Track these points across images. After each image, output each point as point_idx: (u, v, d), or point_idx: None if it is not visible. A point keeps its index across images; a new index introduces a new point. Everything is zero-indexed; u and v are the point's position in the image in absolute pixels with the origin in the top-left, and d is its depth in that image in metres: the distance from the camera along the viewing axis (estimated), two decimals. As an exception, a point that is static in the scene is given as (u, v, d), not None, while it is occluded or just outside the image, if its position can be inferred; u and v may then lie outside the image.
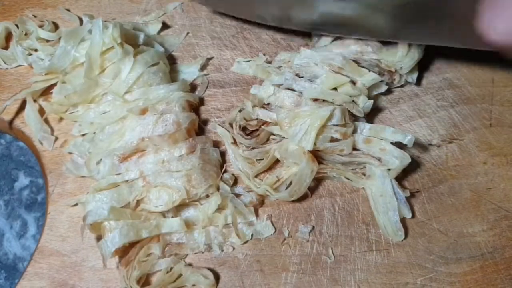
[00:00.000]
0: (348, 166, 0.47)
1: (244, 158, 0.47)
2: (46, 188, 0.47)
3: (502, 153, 0.50)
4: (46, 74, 0.49)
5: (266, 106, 0.48)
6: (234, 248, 0.46)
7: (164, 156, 0.45)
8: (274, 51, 0.54)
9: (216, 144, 0.49)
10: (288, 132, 0.45)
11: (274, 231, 0.46)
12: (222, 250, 0.45)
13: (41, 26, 0.52)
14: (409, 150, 0.47)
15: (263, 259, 0.45)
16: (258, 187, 0.46)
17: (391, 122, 0.51)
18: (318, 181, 0.48)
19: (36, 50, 0.51)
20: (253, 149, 0.47)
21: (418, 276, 0.45)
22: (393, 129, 0.46)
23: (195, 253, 0.45)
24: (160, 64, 0.49)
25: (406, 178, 0.49)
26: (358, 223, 0.47)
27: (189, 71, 0.52)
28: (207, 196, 0.46)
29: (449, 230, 0.47)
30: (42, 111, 0.49)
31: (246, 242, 0.46)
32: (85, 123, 0.48)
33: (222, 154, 0.48)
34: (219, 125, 0.49)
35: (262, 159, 0.47)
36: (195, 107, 0.51)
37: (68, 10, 0.54)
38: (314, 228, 0.47)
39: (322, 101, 0.47)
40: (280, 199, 0.47)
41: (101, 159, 0.45)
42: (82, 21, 0.53)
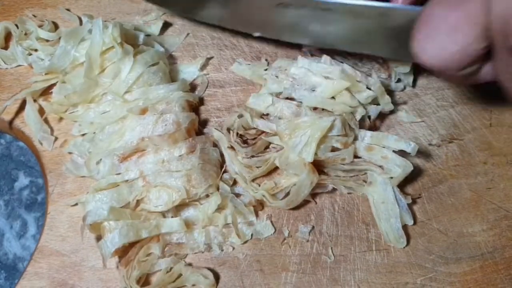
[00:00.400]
0: (349, 173, 0.47)
1: (241, 162, 0.47)
2: (46, 188, 0.47)
3: (502, 153, 0.50)
4: (46, 74, 0.49)
5: (265, 117, 0.48)
6: (234, 248, 0.46)
7: (164, 156, 0.45)
8: (274, 51, 0.53)
9: (216, 144, 0.49)
10: (288, 143, 0.45)
11: (274, 231, 0.46)
12: (222, 250, 0.45)
13: (40, 26, 0.52)
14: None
15: (263, 259, 0.45)
16: (256, 192, 0.46)
17: (391, 122, 0.51)
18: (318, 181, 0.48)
19: (36, 50, 0.51)
20: (252, 157, 0.47)
21: (418, 276, 0.45)
22: (396, 137, 0.45)
23: (195, 253, 0.45)
24: (160, 64, 0.49)
25: (406, 179, 0.48)
26: (358, 223, 0.47)
27: (189, 71, 0.52)
28: (207, 196, 0.46)
29: (449, 230, 0.47)
30: (42, 111, 0.49)
31: (246, 242, 0.46)
32: (85, 123, 0.48)
33: (222, 154, 0.48)
34: (215, 129, 0.49)
35: (261, 167, 0.47)
36: (195, 107, 0.51)
37: (68, 10, 0.54)
38: (314, 228, 0.47)
39: (322, 110, 0.46)
40: (276, 207, 0.47)
41: (101, 159, 0.45)
42: (82, 21, 0.53)
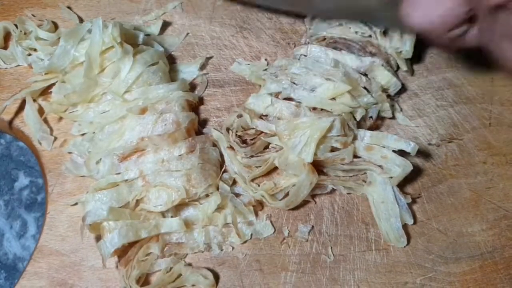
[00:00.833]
0: (349, 173, 0.47)
1: (240, 162, 0.47)
2: (46, 187, 0.47)
3: (501, 152, 0.50)
4: (45, 73, 0.49)
5: (264, 118, 0.48)
6: (233, 247, 0.46)
7: (163, 155, 0.45)
8: (273, 51, 0.53)
9: (215, 143, 0.49)
10: (287, 143, 0.45)
11: (274, 231, 0.46)
12: (222, 250, 0.45)
13: (40, 25, 0.52)
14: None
15: (263, 259, 0.45)
16: (255, 192, 0.46)
17: (391, 121, 0.51)
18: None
19: (35, 50, 0.51)
20: (251, 157, 0.47)
21: (417, 275, 0.45)
22: (395, 137, 0.45)
23: (195, 252, 0.45)
24: (159, 63, 0.49)
25: (406, 179, 0.48)
26: (357, 223, 0.47)
27: (188, 71, 0.52)
28: (207, 195, 0.46)
29: (448, 230, 0.47)
30: (41, 111, 0.49)
31: (245, 242, 0.46)
32: (84, 123, 0.48)
33: (222, 153, 0.48)
34: (214, 128, 0.49)
35: (260, 166, 0.47)
36: (195, 107, 0.51)
37: (68, 8, 0.54)
38: (313, 227, 0.47)
39: (321, 110, 0.46)
40: (275, 207, 0.47)
41: (100, 159, 0.45)
42: (82, 21, 0.53)
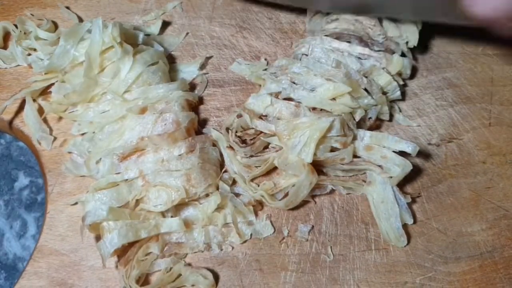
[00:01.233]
0: (348, 173, 0.47)
1: (240, 162, 0.47)
2: (46, 187, 0.47)
3: (501, 152, 0.50)
4: (45, 73, 0.49)
5: (264, 118, 0.48)
6: (233, 247, 0.46)
7: (163, 155, 0.45)
8: (273, 51, 0.53)
9: (215, 143, 0.49)
10: (287, 144, 0.45)
11: (274, 231, 0.46)
12: (221, 249, 0.45)
13: (39, 25, 0.52)
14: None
15: (262, 258, 0.45)
16: (255, 192, 0.46)
17: (391, 121, 0.51)
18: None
19: (35, 49, 0.51)
20: (251, 157, 0.47)
21: (417, 275, 0.45)
22: (396, 138, 0.46)
23: (194, 252, 0.45)
24: (159, 63, 0.49)
25: (405, 179, 0.48)
26: (357, 222, 0.47)
27: (188, 70, 0.52)
28: (207, 195, 0.46)
29: (448, 230, 0.47)
30: (41, 111, 0.49)
31: (245, 241, 0.46)
32: (84, 122, 0.48)
33: (222, 153, 0.48)
34: (214, 128, 0.49)
35: (260, 166, 0.47)
36: (195, 106, 0.51)
37: (67, 7, 0.54)
38: (313, 227, 0.47)
39: (320, 110, 0.46)
40: (275, 207, 0.47)
41: (100, 158, 0.45)
42: (81, 20, 0.53)
